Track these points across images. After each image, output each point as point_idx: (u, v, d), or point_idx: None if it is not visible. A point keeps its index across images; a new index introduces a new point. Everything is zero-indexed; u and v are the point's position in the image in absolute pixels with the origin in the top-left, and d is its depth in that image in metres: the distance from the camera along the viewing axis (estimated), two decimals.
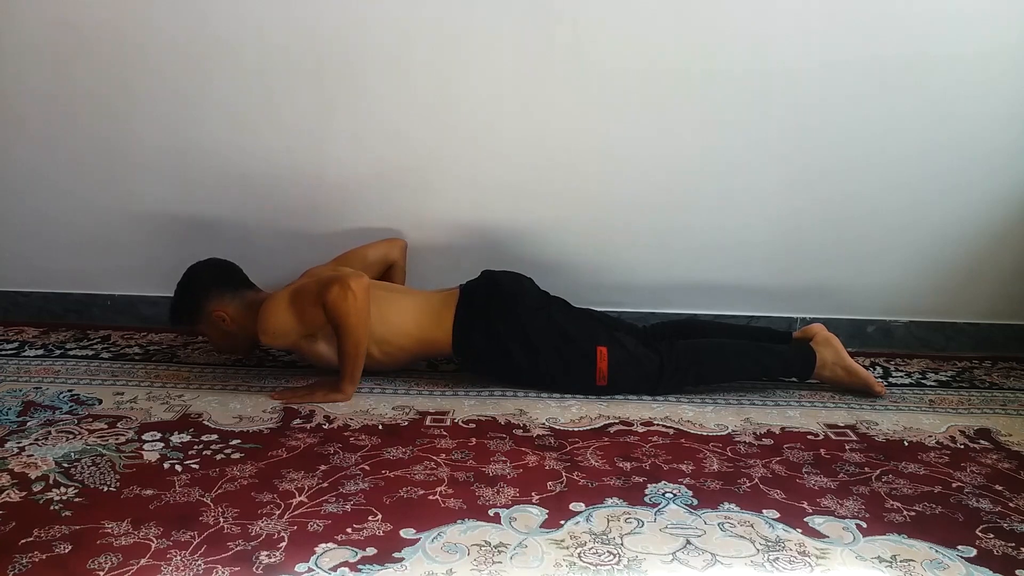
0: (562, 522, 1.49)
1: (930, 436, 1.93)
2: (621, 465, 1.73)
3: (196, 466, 1.68)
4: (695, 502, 1.58)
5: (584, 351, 2.09)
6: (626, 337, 2.14)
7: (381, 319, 2.10)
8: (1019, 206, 2.44)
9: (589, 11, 2.30)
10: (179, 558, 1.36)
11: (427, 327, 2.14)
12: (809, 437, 1.90)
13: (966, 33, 2.28)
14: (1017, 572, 1.38)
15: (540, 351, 2.10)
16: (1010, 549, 1.44)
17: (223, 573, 1.32)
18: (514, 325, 2.11)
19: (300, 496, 1.56)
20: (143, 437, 1.82)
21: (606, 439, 1.86)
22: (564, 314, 2.18)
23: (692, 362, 2.12)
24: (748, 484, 1.66)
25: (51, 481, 1.61)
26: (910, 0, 2.27)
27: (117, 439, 1.80)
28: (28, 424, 1.87)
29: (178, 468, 1.67)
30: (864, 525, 1.51)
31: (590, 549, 1.41)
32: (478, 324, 2.12)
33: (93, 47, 2.42)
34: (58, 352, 2.39)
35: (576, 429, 1.91)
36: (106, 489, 1.58)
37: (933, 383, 2.29)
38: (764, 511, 1.55)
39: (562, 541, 1.43)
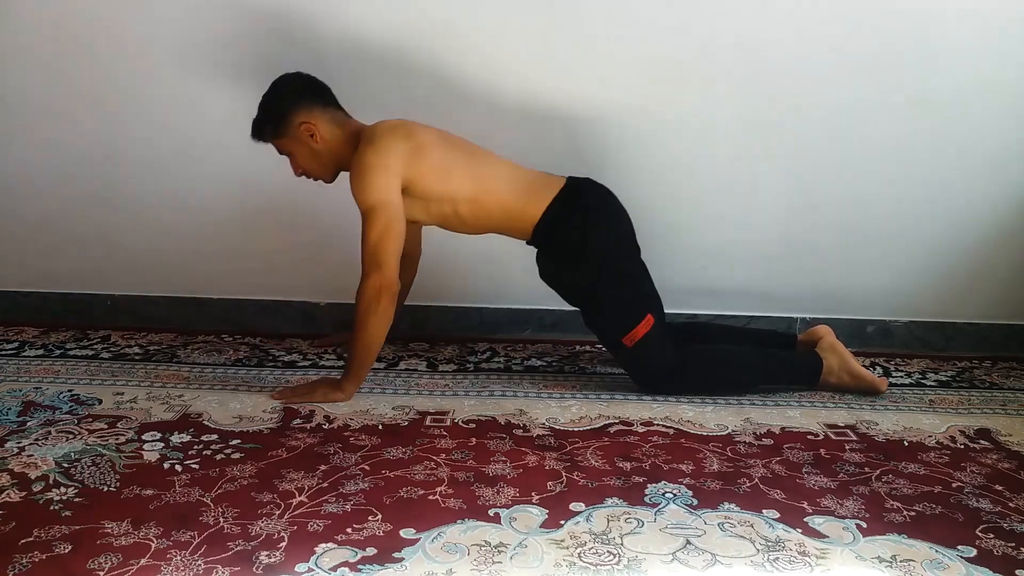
0: (562, 522, 1.49)
1: (930, 436, 1.93)
2: (621, 465, 1.73)
3: (196, 466, 1.68)
4: (695, 502, 1.58)
5: (638, 308, 2.06)
6: (668, 332, 2.13)
7: (479, 178, 2.05)
8: (1019, 207, 2.44)
9: (589, 13, 2.30)
10: (179, 558, 1.36)
11: (519, 201, 2.07)
12: (809, 437, 1.90)
13: (966, 33, 2.28)
14: (1017, 572, 1.38)
15: (607, 279, 2.06)
16: (1010, 549, 1.44)
17: (223, 573, 1.32)
18: (604, 240, 2.07)
19: (300, 496, 1.56)
20: (143, 437, 1.82)
21: (606, 439, 1.86)
22: (646, 272, 2.15)
23: (706, 371, 2.13)
24: (748, 484, 1.66)
25: (51, 481, 1.61)
26: (910, 0, 2.27)
27: (117, 439, 1.80)
28: (28, 424, 1.87)
29: (178, 468, 1.67)
30: (864, 525, 1.51)
31: (590, 549, 1.41)
32: (572, 220, 2.06)
33: (93, 47, 2.43)
34: (58, 352, 2.39)
35: (576, 429, 1.91)
36: (106, 489, 1.58)
37: (933, 383, 2.29)
38: (764, 511, 1.55)
39: (562, 541, 1.43)
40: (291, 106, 2.03)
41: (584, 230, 2.06)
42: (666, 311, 2.53)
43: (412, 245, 2.31)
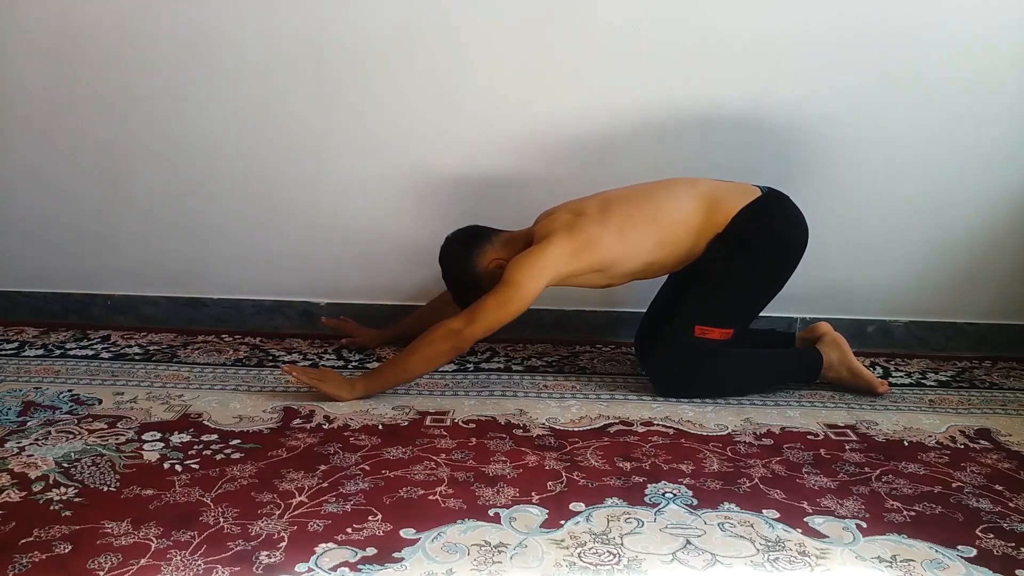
0: (562, 522, 1.49)
1: (930, 436, 1.93)
2: (621, 465, 1.73)
3: (196, 466, 1.68)
4: (695, 502, 1.58)
5: (735, 319, 2.10)
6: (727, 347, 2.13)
7: (657, 220, 2.08)
8: (1019, 206, 2.44)
9: (589, 14, 2.30)
10: (179, 558, 1.36)
11: (710, 215, 2.08)
12: (809, 437, 1.90)
13: (967, 33, 2.29)
14: (1017, 572, 1.38)
15: (746, 284, 2.09)
16: (1010, 549, 1.44)
17: (223, 573, 1.32)
18: (775, 254, 2.10)
19: (300, 496, 1.56)
20: (143, 437, 1.82)
21: (606, 439, 1.86)
22: (766, 304, 2.19)
23: (707, 378, 2.12)
24: (748, 484, 1.66)
25: (51, 481, 1.61)
26: (912, 1, 2.27)
27: (117, 439, 1.80)
28: (28, 424, 1.87)
29: (178, 468, 1.67)
30: (864, 525, 1.51)
31: (590, 549, 1.41)
32: (763, 225, 2.09)
33: (93, 47, 2.43)
34: (58, 352, 2.39)
35: (576, 429, 1.91)
36: (106, 489, 1.58)
37: (933, 383, 2.29)
38: (764, 511, 1.55)
39: (562, 541, 1.43)
40: (474, 262, 2.11)
41: (766, 237, 2.09)
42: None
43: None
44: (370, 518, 1.49)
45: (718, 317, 2.07)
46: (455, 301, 2.17)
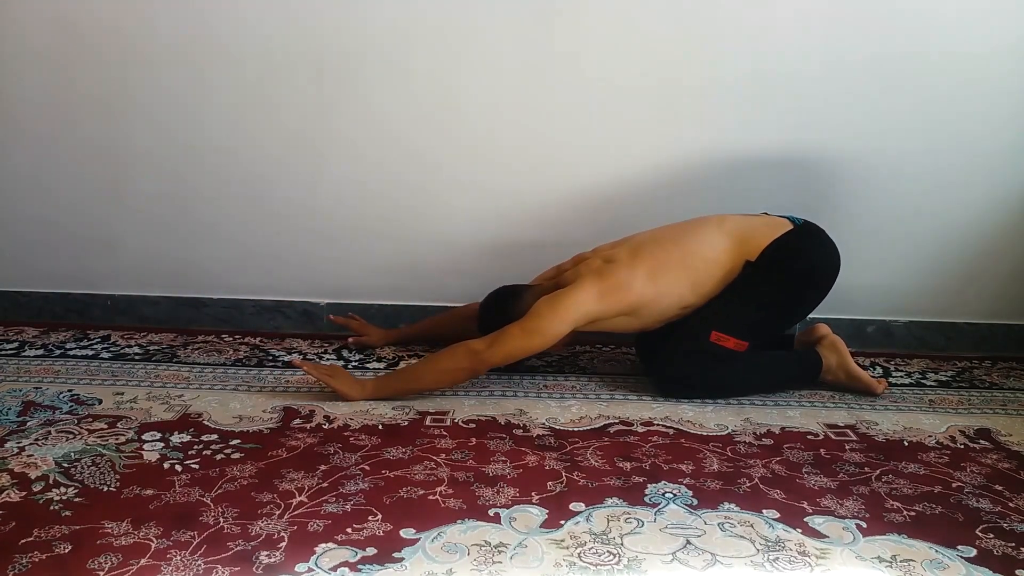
0: (562, 522, 1.49)
1: (930, 436, 1.93)
2: (621, 465, 1.73)
3: (196, 466, 1.68)
4: (695, 502, 1.58)
5: (752, 332, 2.10)
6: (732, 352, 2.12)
7: (690, 263, 2.10)
8: (1019, 206, 2.44)
9: (589, 15, 2.30)
10: (179, 558, 1.36)
11: (737, 248, 2.10)
12: (809, 437, 1.90)
13: (966, 33, 2.29)
14: (1017, 572, 1.38)
15: (773, 304, 2.11)
16: (1010, 549, 1.44)
17: (223, 573, 1.32)
18: (803, 283, 2.12)
19: (300, 496, 1.56)
20: (143, 437, 1.82)
21: (606, 439, 1.86)
22: (786, 327, 2.24)
23: (709, 383, 2.12)
24: (748, 484, 1.66)
25: (51, 481, 1.61)
26: (911, 1, 2.27)
27: (117, 439, 1.80)
28: (28, 424, 1.87)
29: (178, 468, 1.67)
30: (864, 525, 1.51)
31: (590, 549, 1.41)
32: (794, 253, 2.10)
33: (92, 48, 2.43)
34: (58, 352, 2.39)
35: (576, 429, 1.91)
36: (106, 489, 1.58)
37: (933, 383, 2.29)
38: (764, 511, 1.55)
39: (562, 541, 1.43)
40: (518, 313, 2.08)
41: (798, 263, 2.11)
42: None
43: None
44: (370, 518, 1.49)
45: (737, 329, 2.08)
46: (479, 328, 2.16)
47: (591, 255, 2.19)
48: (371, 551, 1.39)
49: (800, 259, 2.12)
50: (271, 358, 2.38)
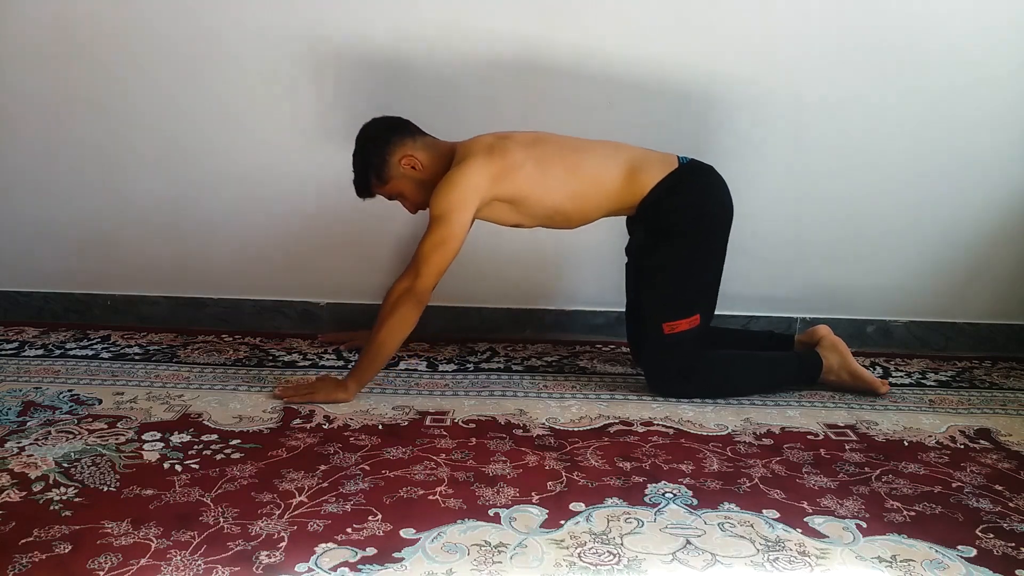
0: (562, 522, 1.49)
1: (930, 436, 1.93)
2: (621, 465, 1.73)
3: (196, 466, 1.68)
4: (695, 502, 1.58)
5: (693, 304, 2.07)
6: (701, 340, 2.13)
7: (580, 175, 2.06)
8: (1019, 207, 2.45)
9: (589, 15, 2.30)
10: (179, 558, 1.36)
11: (625, 184, 2.06)
12: (809, 437, 1.90)
13: (966, 33, 2.29)
14: (1017, 572, 1.38)
15: (686, 264, 2.07)
16: (1010, 549, 1.44)
17: (223, 573, 1.32)
18: (701, 229, 2.08)
19: (300, 496, 1.56)
20: (143, 437, 1.82)
21: (606, 439, 1.86)
22: (718, 277, 2.15)
23: (718, 377, 2.13)
24: (748, 484, 1.66)
25: (51, 481, 1.61)
26: (910, 2, 2.27)
27: (117, 439, 1.80)
28: (28, 424, 1.87)
29: (178, 468, 1.67)
30: (864, 525, 1.51)
31: (590, 549, 1.41)
32: (681, 200, 2.06)
33: (91, 48, 2.43)
34: (58, 352, 2.39)
35: (576, 429, 1.91)
36: (106, 489, 1.58)
37: (933, 383, 2.29)
38: (764, 511, 1.55)
39: (562, 541, 1.43)
40: (386, 148, 2.06)
41: (686, 214, 2.06)
42: None
43: None
44: (370, 518, 1.49)
45: (676, 308, 2.06)
46: (355, 183, 2.10)
47: (485, 135, 2.11)
48: (371, 551, 1.39)
49: (685, 204, 2.06)
50: (271, 358, 2.38)
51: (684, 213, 2.07)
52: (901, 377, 2.33)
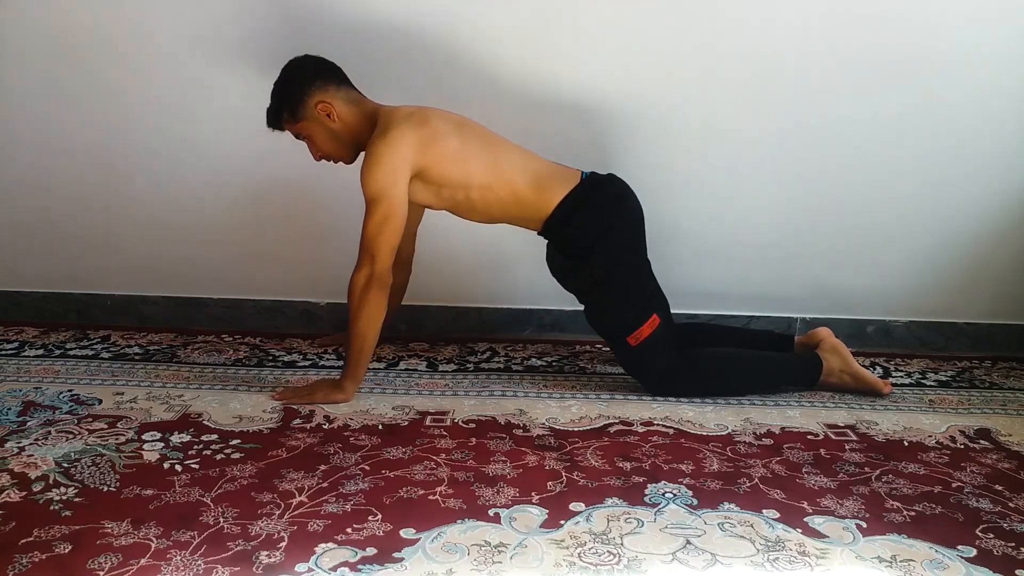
0: (562, 522, 1.49)
1: (930, 436, 1.93)
2: (621, 465, 1.73)
3: (196, 466, 1.68)
4: (695, 502, 1.58)
5: (645, 308, 2.06)
6: (672, 335, 2.13)
7: (493, 164, 2.05)
8: (1019, 206, 2.44)
9: (589, 13, 2.30)
10: (179, 558, 1.36)
11: (534, 190, 2.06)
12: (809, 437, 1.90)
13: (966, 33, 2.29)
14: (1017, 572, 1.38)
15: (615, 276, 2.07)
16: (1010, 549, 1.44)
17: (223, 573, 1.32)
18: (621, 236, 2.07)
19: (300, 496, 1.56)
20: (143, 437, 1.82)
21: (606, 439, 1.86)
22: (651, 272, 2.15)
23: (707, 375, 2.12)
24: (748, 484, 1.66)
25: (51, 481, 1.61)
26: (910, 0, 2.27)
27: (117, 439, 1.80)
28: (28, 424, 1.87)
29: (178, 468, 1.67)
30: (864, 525, 1.51)
31: (590, 549, 1.41)
32: (583, 217, 2.06)
33: (92, 48, 2.43)
34: (58, 352, 2.39)
35: (576, 429, 1.91)
36: (106, 489, 1.58)
37: (933, 383, 2.29)
38: (764, 511, 1.55)
39: (562, 541, 1.43)
40: (306, 87, 2.02)
41: (595, 228, 2.06)
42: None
43: (406, 243, 2.27)
44: (370, 518, 1.49)
45: (630, 318, 2.06)
46: (267, 111, 2.06)
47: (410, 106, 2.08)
48: (371, 551, 1.39)
49: (592, 219, 2.05)
50: (271, 358, 2.38)
51: (593, 229, 2.06)
52: (901, 377, 2.33)
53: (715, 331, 2.34)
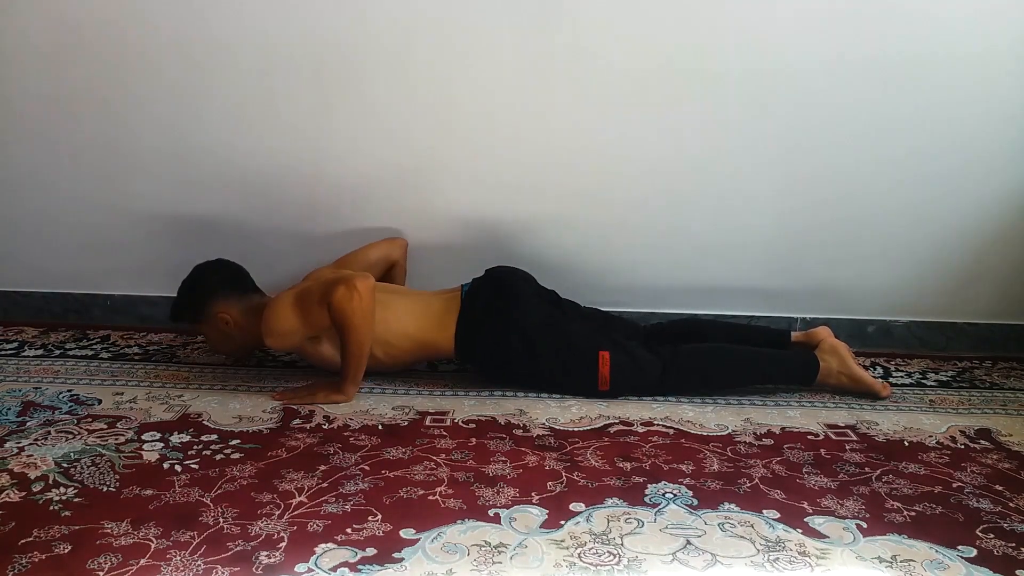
0: (562, 522, 1.49)
1: (930, 436, 1.93)
2: (621, 465, 1.73)
3: (196, 466, 1.68)
4: (695, 502, 1.58)
5: (587, 355, 2.08)
6: (630, 341, 2.13)
7: (383, 321, 2.09)
8: (1019, 206, 2.44)
9: (589, 11, 2.30)
10: (179, 558, 1.36)
11: (429, 330, 2.13)
12: (809, 437, 1.90)
13: (966, 33, 2.28)
14: (1017, 572, 1.38)
15: (542, 355, 2.09)
16: (1010, 549, 1.44)
17: (223, 573, 1.32)
18: (516, 328, 2.10)
19: (300, 496, 1.56)
20: (143, 437, 1.82)
21: (606, 439, 1.86)
22: (568, 316, 2.18)
23: (694, 370, 2.12)
24: (748, 484, 1.66)
25: (51, 481, 1.61)
26: (910, 0, 2.27)
27: (117, 439, 1.80)
28: (28, 424, 1.87)
29: (178, 468, 1.67)
30: (864, 525, 1.51)
31: (590, 549, 1.41)
32: (481, 328, 2.11)
33: (93, 47, 2.42)
34: (58, 352, 2.39)
35: (576, 429, 1.91)
36: (106, 489, 1.58)
37: (933, 383, 2.29)
38: (764, 511, 1.55)
39: (562, 541, 1.43)
40: (210, 297, 2.15)
41: (496, 334, 2.10)
42: (666, 311, 2.54)
43: (399, 274, 2.42)
44: (370, 518, 1.49)
45: (582, 377, 2.08)
46: (172, 306, 2.19)
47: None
48: (371, 551, 1.39)
49: (491, 323, 2.10)
50: (271, 358, 2.38)
51: (497, 346, 2.10)
52: (901, 377, 2.33)
53: (712, 329, 2.34)
